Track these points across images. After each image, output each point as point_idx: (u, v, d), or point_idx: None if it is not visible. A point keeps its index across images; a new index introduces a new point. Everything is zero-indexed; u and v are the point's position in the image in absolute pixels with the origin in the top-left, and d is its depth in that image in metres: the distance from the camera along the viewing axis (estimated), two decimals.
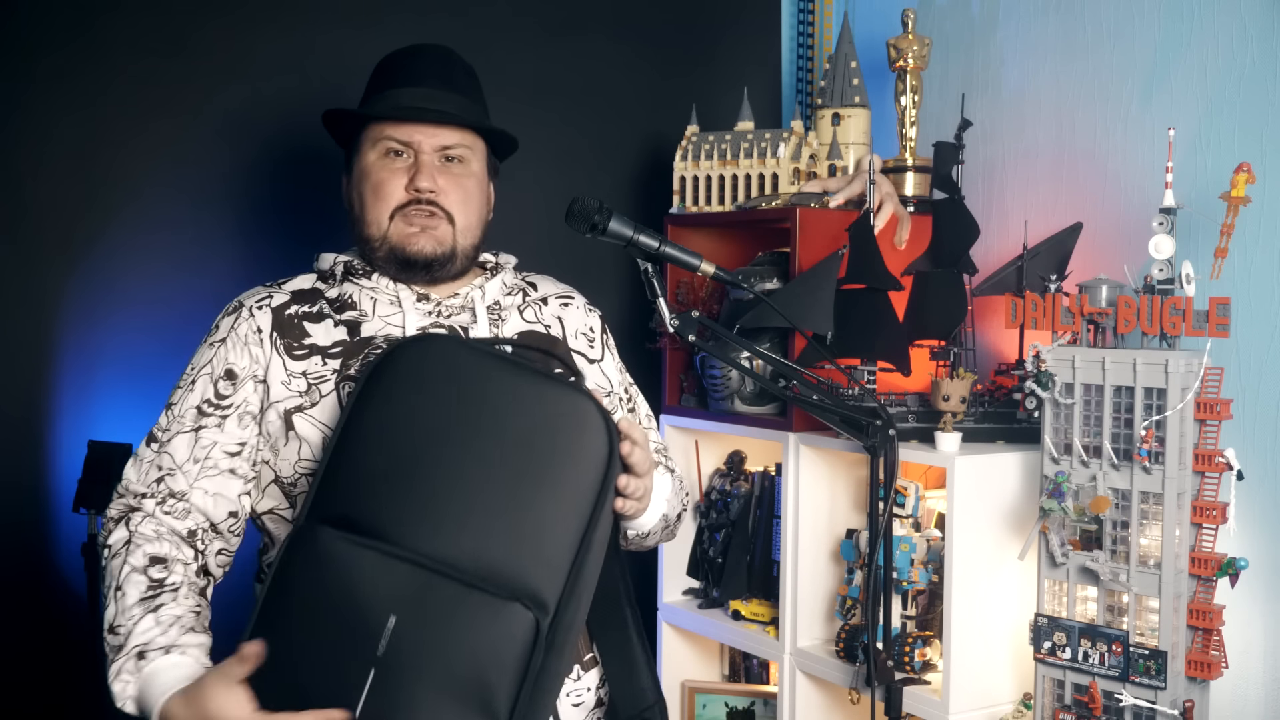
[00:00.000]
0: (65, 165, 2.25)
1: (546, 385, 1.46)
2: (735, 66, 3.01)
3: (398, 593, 1.34)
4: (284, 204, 2.45)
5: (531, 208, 2.62)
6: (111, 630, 1.46)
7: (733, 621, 2.53)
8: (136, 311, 2.31)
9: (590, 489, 1.43)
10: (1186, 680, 1.93)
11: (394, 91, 1.68)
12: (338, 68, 2.45)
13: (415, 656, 1.33)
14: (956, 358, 2.26)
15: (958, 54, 2.67)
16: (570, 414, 1.44)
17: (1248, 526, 2.07)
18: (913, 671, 2.17)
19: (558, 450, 1.42)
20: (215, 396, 1.62)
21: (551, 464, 1.41)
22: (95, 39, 2.26)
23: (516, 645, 1.35)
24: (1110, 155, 2.36)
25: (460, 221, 1.67)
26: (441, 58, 1.73)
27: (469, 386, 1.44)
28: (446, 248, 1.66)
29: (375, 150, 1.67)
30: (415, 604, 1.34)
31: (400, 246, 1.64)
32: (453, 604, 1.35)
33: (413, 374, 1.45)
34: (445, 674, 1.33)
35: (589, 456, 1.43)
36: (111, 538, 1.55)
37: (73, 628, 2.24)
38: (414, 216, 1.65)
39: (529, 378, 1.46)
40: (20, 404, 2.23)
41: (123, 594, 1.48)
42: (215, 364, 1.63)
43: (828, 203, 2.42)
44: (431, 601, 1.35)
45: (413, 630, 1.33)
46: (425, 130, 1.66)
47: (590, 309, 1.82)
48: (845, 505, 2.42)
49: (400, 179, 1.65)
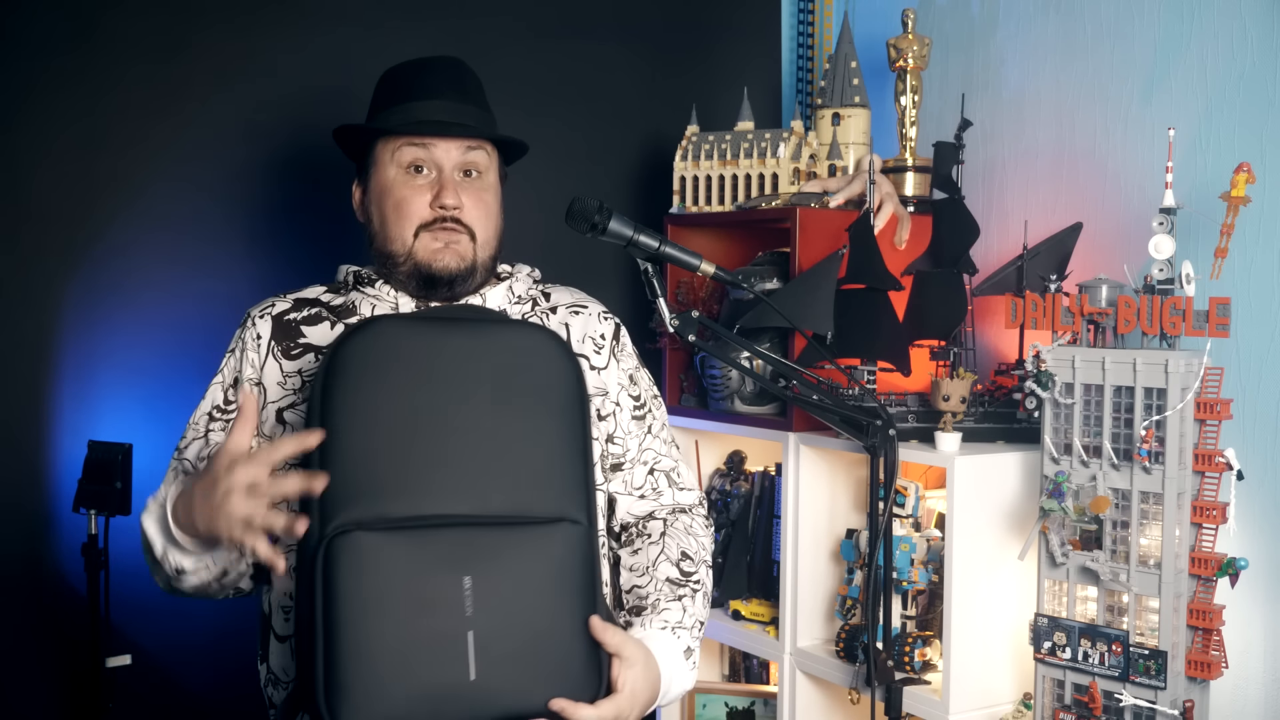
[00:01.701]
0: (66, 166, 2.25)
1: (494, 330, 1.50)
2: (735, 66, 3.01)
3: (457, 556, 1.37)
4: (285, 206, 2.45)
5: (531, 208, 2.62)
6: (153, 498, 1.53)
7: (733, 621, 2.53)
8: (137, 312, 2.32)
9: (574, 405, 1.48)
10: (1186, 680, 1.93)
11: (410, 105, 1.67)
12: (340, 70, 2.46)
13: (500, 604, 1.37)
14: (956, 358, 2.26)
15: (958, 54, 2.67)
16: (527, 348, 1.48)
17: (1248, 526, 2.07)
18: (913, 671, 2.17)
19: (530, 383, 1.46)
20: (223, 403, 1.68)
21: (530, 397, 1.46)
22: (97, 41, 2.26)
23: (578, 557, 1.42)
24: (1110, 155, 2.36)
25: (480, 236, 1.68)
26: (454, 69, 1.72)
27: (425, 355, 1.45)
28: (469, 263, 1.67)
29: (395, 166, 1.66)
30: (477, 559, 1.37)
31: (426, 264, 1.65)
32: (511, 545, 1.39)
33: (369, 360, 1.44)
34: (532, 609, 1.38)
35: (560, 378, 1.48)
36: None
37: (73, 628, 2.23)
38: (439, 233, 1.65)
39: (476, 328, 1.49)
40: (20, 404, 2.23)
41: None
42: (226, 374, 1.70)
43: (828, 203, 2.42)
44: (492, 551, 1.38)
45: (488, 582, 1.37)
46: (447, 145, 1.66)
47: (606, 317, 1.80)
48: (845, 505, 2.42)
49: (424, 196, 1.65)
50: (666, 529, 1.74)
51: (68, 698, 2.26)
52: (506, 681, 1.35)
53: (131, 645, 2.28)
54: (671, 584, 1.68)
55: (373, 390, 1.42)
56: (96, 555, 2.14)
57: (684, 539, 1.73)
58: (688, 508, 1.81)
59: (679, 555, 1.71)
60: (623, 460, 1.77)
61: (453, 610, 1.35)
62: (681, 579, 1.69)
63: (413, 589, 1.35)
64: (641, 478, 1.78)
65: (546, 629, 1.38)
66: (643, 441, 1.79)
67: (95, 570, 2.14)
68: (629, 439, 1.77)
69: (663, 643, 1.59)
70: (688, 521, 1.77)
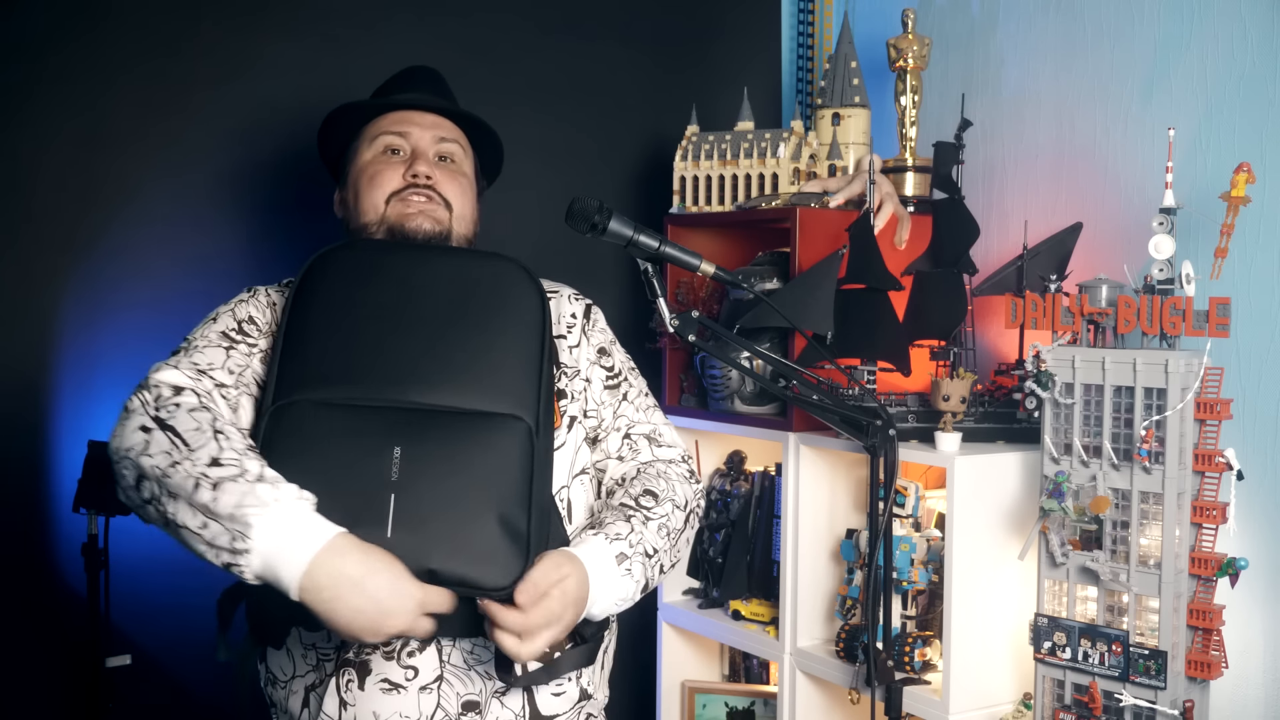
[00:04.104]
0: (66, 166, 2.25)
1: (466, 255, 1.63)
2: (735, 66, 3.01)
3: (393, 430, 1.43)
4: (285, 206, 2.45)
5: (531, 208, 2.62)
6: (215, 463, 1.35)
7: (733, 621, 2.53)
8: (137, 312, 2.31)
9: (534, 324, 1.55)
10: (1186, 680, 1.93)
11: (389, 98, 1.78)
12: (339, 70, 2.46)
13: (428, 477, 1.41)
14: (956, 358, 2.26)
15: (958, 54, 2.67)
16: (494, 271, 1.57)
17: (1248, 526, 2.07)
18: (913, 671, 2.17)
19: (494, 301, 1.54)
20: (240, 331, 1.60)
21: (491, 310, 1.54)
22: (96, 40, 2.26)
23: (517, 450, 1.46)
24: (1110, 155, 2.36)
25: (457, 209, 1.73)
26: (432, 74, 1.85)
27: (393, 267, 1.55)
28: (444, 227, 1.70)
29: (372, 149, 1.74)
30: (414, 436, 1.43)
31: (398, 225, 1.68)
32: (449, 429, 1.45)
33: (342, 271, 1.55)
34: (460, 488, 1.41)
35: (522, 299, 1.56)
36: (173, 397, 1.44)
37: (73, 628, 2.23)
38: (411, 199, 1.69)
39: (445, 251, 1.64)
40: (20, 404, 2.23)
41: (225, 438, 1.38)
42: (237, 311, 1.64)
43: (828, 203, 2.42)
44: (429, 431, 1.44)
45: (419, 455, 1.42)
46: (421, 121, 1.74)
47: (577, 298, 1.80)
48: (845, 505, 2.42)
49: (397, 170, 1.72)
50: (638, 474, 1.68)
51: (68, 698, 2.25)
52: (422, 545, 1.38)
53: (131, 645, 2.28)
54: (623, 507, 1.61)
55: (341, 295, 1.53)
56: (96, 555, 2.14)
57: (651, 481, 1.66)
58: (667, 462, 1.73)
59: (641, 491, 1.63)
60: (598, 431, 1.73)
61: (379, 474, 1.40)
62: (634, 506, 1.60)
63: (343, 452, 1.41)
64: (618, 442, 1.73)
65: (471, 511, 1.41)
66: (617, 409, 1.74)
67: (95, 570, 2.14)
68: (603, 409, 1.73)
69: (592, 548, 1.50)
70: (662, 468, 1.70)
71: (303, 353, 1.49)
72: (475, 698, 1.54)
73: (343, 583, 1.31)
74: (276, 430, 1.43)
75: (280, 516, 1.32)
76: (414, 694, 1.52)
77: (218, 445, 1.37)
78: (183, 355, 1.54)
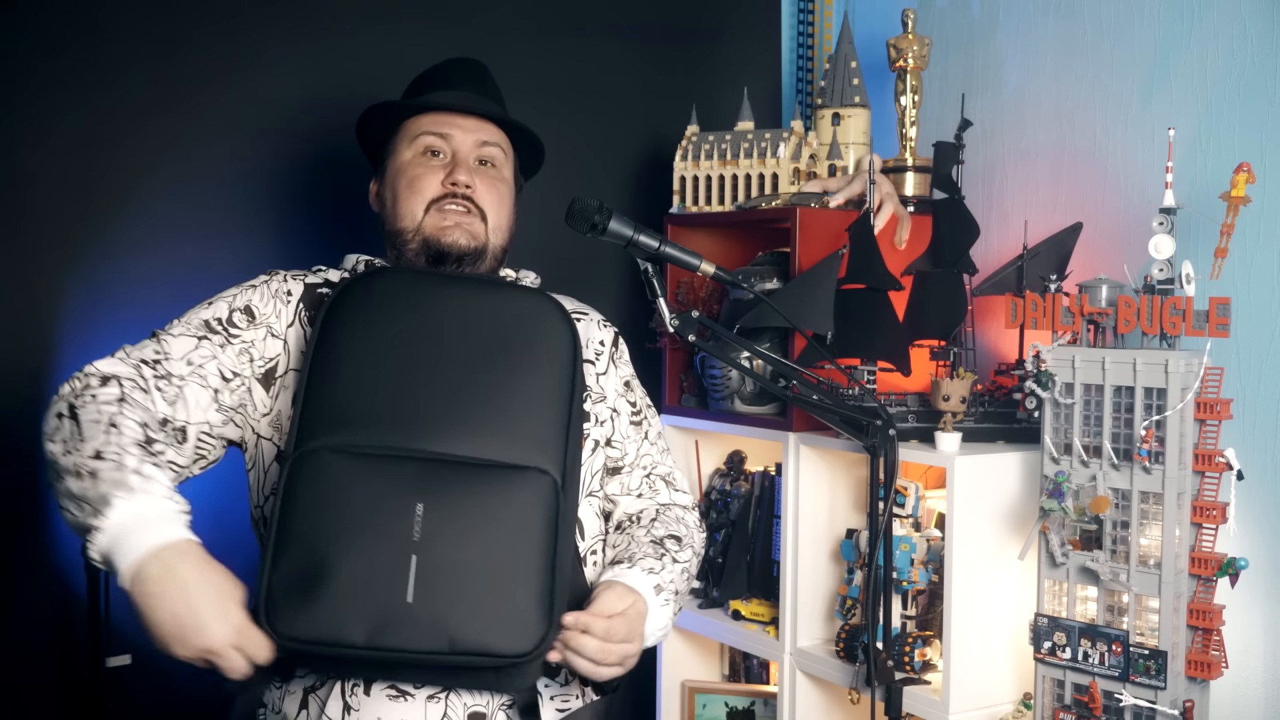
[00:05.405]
0: (66, 165, 2.25)
1: (499, 290, 1.57)
2: (735, 66, 3.01)
3: (416, 485, 1.39)
4: (285, 205, 2.45)
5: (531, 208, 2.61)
6: (98, 456, 1.37)
7: (733, 621, 2.53)
8: (136, 312, 2.31)
9: (565, 368, 1.51)
10: (1186, 680, 1.93)
11: (432, 94, 1.73)
12: (342, 70, 2.46)
13: (450, 537, 1.38)
14: (956, 358, 2.26)
15: (958, 54, 2.67)
16: (527, 308, 1.54)
17: (1248, 526, 2.07)
18: (913, 671, 2.17)
19: (525, 341, 1.50)
20: (227, 321, 1.62)
21: (523, 354, 1.50)
22: (96, 39, 2.26)
23: (542, 507, 1.42)
24: (1110, 155, 2.36)
25: (493, 220, 1.71)
26: (477, 68, 1.80)
27: (426, 302, 1.51)
28: (480, 242, 1.69)
29: (412, 148, 1.71)
30: (436, 491, 1.39)
31: (434, 238, 1.66)
32: (473, 483, 1.41)
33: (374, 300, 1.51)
34: (482, 549, 1.38)
35: (554, 341, 1.52)
36: (95, 388, 1.47)
37: (73, 628, 2.23)
38: (449, 210, 1.67)
39: (481, 286, 1.56)
40: (20, 404, 2.23)
41: (118, 432, 1.40)
42: (239, 298, 1.64)
43: (828, 203, 2.42)
44: (452, 486, 1.40)
45: (441, 513, 1.38)
46: (464, 124, 1.71)
47: (605, 325, 1.82)
48: (845, 505, 2.42)
49: (437, 175, 1.69)
50: (658, 515, 1.74)
51: (68, 698, 2.25)
52: (442, 610, 1.35)
53: (131, 645, 2.27)
54: (653, 544, 1.65)
55: (366, 329, 1.48)
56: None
57: (674, 525, 1.72)
58: (684, 508, 1.81)
59: (665, 534, 1.69)
60: (621, 464, 1.77)
61: (400, 533, 1.37)
62: (663, 546, 1.66)
63: (364, 509, 1.38)
64: (639, 480, 1.78)
65: (495, 570, 1.38)
66: (640, 447, 1.79)
67: (95, 570, 2.14)
68: (627, 443, 1.77)
69: (636, 580, 1.56)
70: (680, 514, 1.77)
71: (329, 389, 1.46)
72: (482, 709, 1.54)
73: (170, 583, 1.31)
74: (297, 480, 1.40)
75: (139, 506, 1.34)
76: (421, 702, 1.52)
77: (105, 438, 1.39)
78: (148, 343, 1.58)
